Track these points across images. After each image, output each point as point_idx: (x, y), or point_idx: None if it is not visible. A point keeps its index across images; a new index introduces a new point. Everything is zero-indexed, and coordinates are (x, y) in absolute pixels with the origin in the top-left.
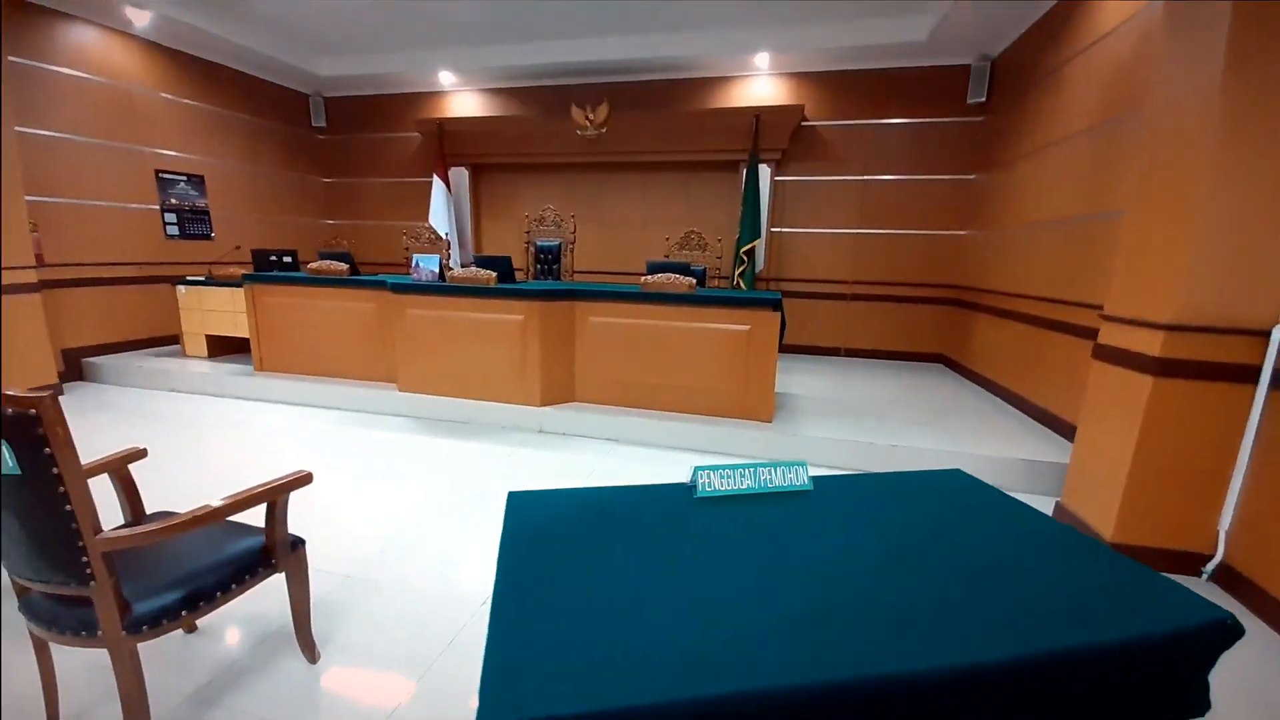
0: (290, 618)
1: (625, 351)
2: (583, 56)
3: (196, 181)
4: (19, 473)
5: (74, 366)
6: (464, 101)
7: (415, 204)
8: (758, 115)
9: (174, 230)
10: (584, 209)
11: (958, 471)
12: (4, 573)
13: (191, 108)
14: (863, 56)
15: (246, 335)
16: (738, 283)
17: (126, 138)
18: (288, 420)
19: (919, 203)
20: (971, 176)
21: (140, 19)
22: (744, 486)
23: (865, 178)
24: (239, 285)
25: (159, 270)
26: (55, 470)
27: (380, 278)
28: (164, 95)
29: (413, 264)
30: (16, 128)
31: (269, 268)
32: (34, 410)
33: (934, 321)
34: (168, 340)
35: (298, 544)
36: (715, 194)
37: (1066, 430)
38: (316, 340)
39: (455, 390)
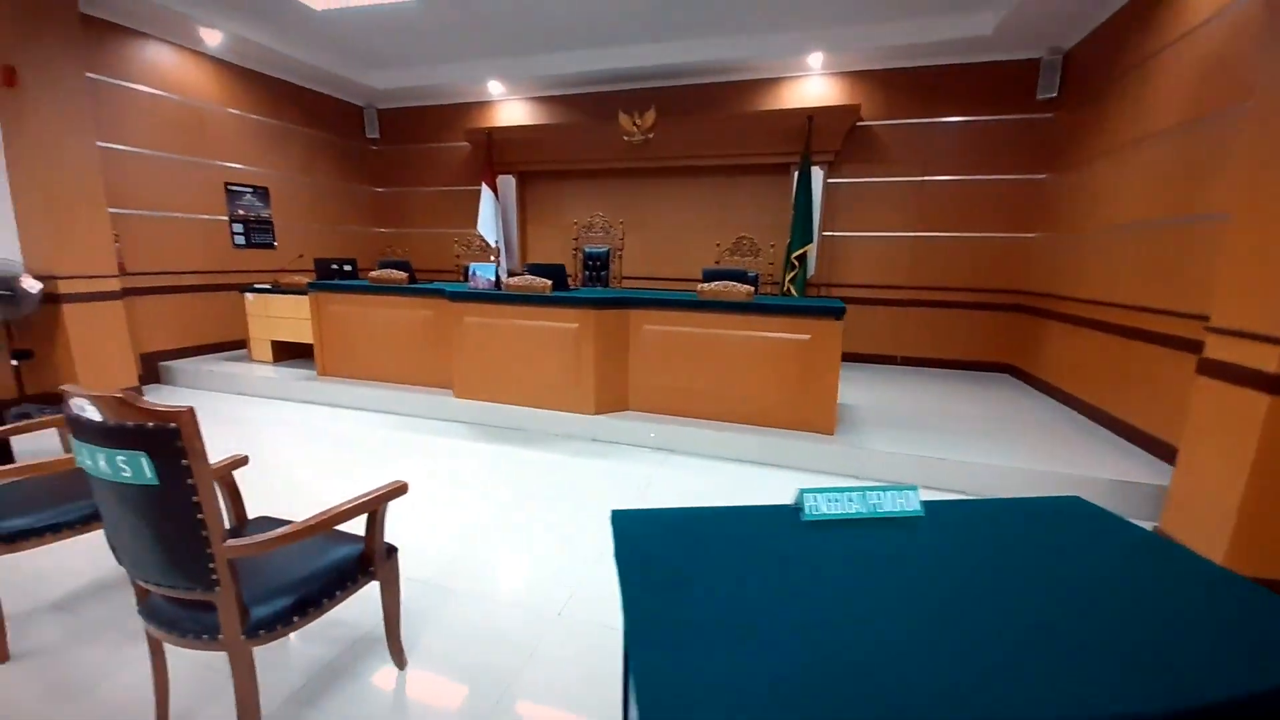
0: (376, 623)
1: (680, 360)
2: (632, 63)
3: (261, 193)
4: (156, 483)
5: (151, 370)
6: (512, 110)
7: (463, 212)
8: (810, 116)
9: (240, 240)
10: (629, 215)
11: (1077, 499)
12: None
13: (256, 122)
14: (922, 53)
15: (309, 341)
16: (788, 289)
17: (199, 152)
18: (350, 424)
19: (981, 204)
20: (1041, 176)
21: (212, 38)
22: (852, 511)
23: (923, 179)
24: (303, 293)
25: (227, 278)
26: (190, 481)
27: (438, 286)
28: (231, 111)
29: (470, 272)
30: (99, 143)
31: (330, 276)
32: (174, 424)
33: (998, 329)
34: (235, 345)
35: (392, 551)
36: (763, 198)
37: (1156, 448)
38: (376, 346)
39: (510, 397)
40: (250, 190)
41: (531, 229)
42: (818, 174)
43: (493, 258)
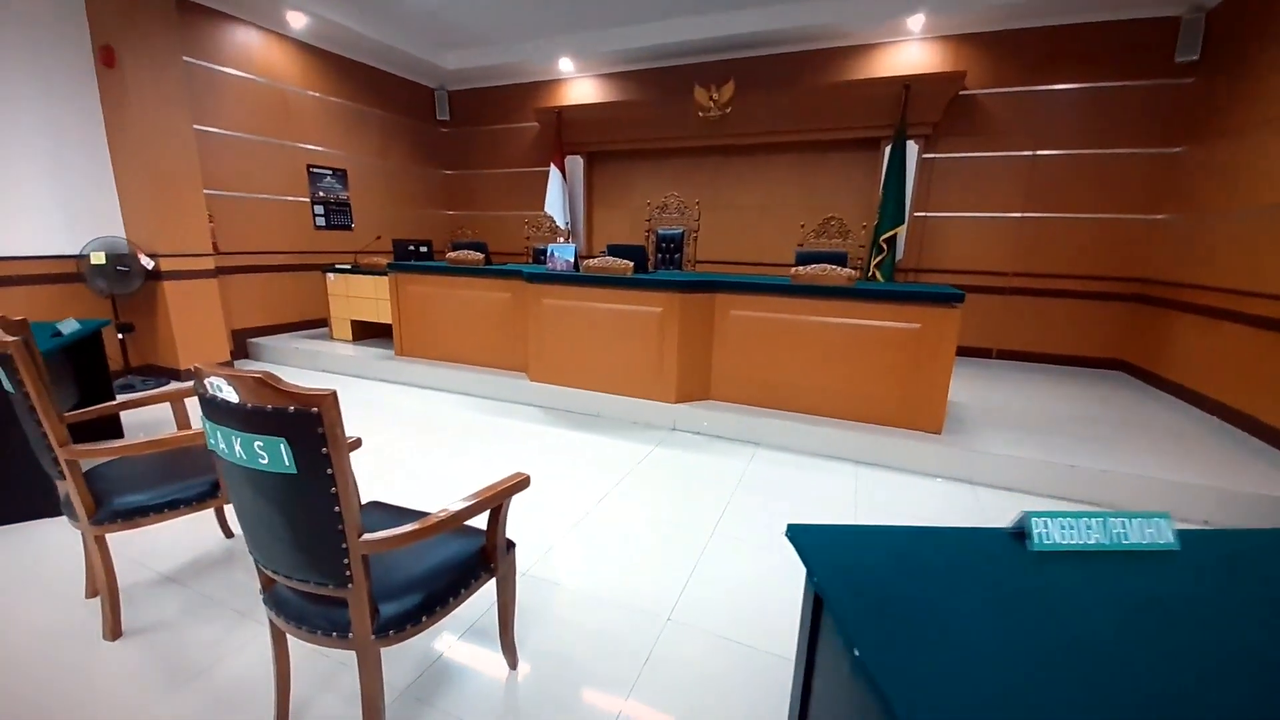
0: (479, 616)
1: (769, 348)
2: (708, 33)
3: (340, 175)
4: (294, 472)
5: (240, 346)
6: (581, 88)
7: (530, 194)
8: (907, 85)
9: (321, 221)
10: (703, 196)
11: None
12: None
13: (335, 105)
14: (1040, 11)
15: (387, 321)
16: (874, 273)
17: (283, 134)
18: (428, 404)
19: (1100, 181)
20: (1175, 149)
21: (297, 21)
22: (1091, 541)
23: (1034, 153)
24: (382, 274)
25: (308, 259)
26: (329, 470)
27: (516, 267)
28: (312, 94)
29: (548, 253)
30: (195, 125)
31: (407, 256)
32: (316, 409)
33: (1112, 321)
34: (317, 324)
35: (510, 546)
36: (845, 176)
37: None
38: (453, 327)
39: (586, 382)
40: (330, 173)
41: (598, 211)
42: (912, 149)
43: (561, 239)
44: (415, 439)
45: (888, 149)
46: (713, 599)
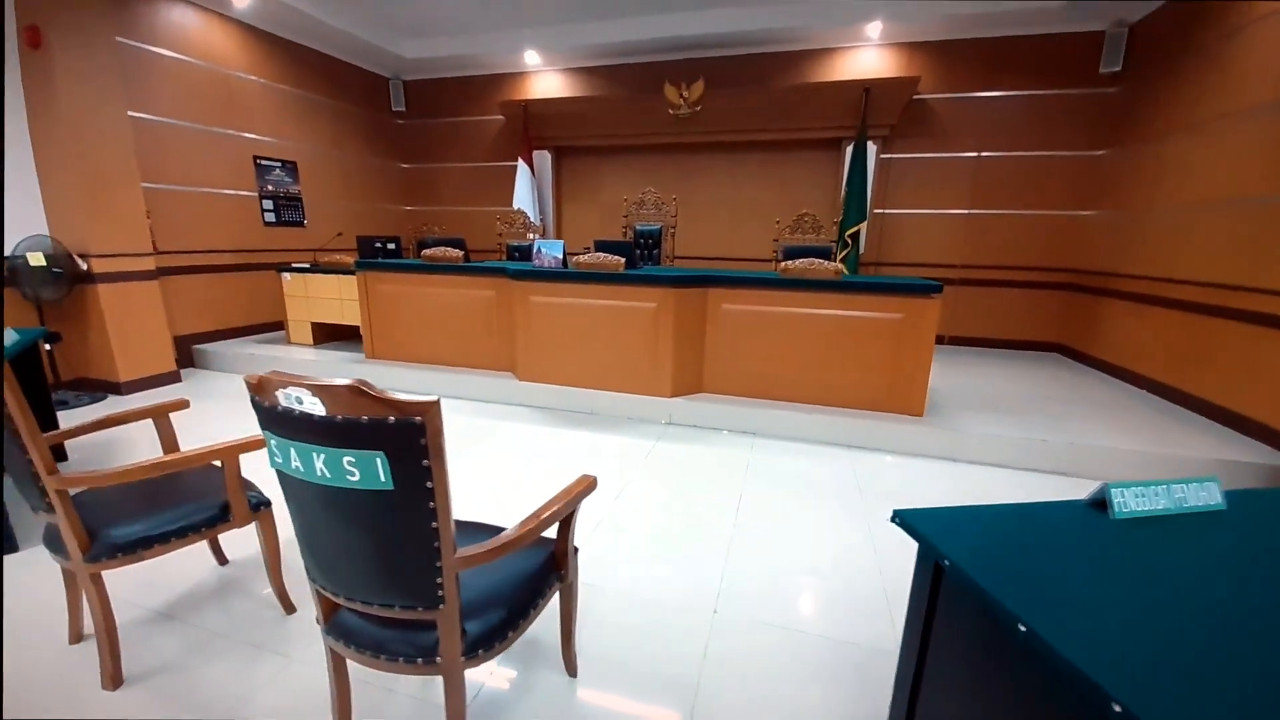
0: (535, 627)
1: (761, 341)
2: (677, 31)
3: (290, 168)
4: (391, 488)
5: (184, 354)
6: (548, 82)
7: (495, 189)
8: (867, 89)
9: (270, 217)
10: (671, 192)
11: None
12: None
13: (283, 92)
14: (985, 24)
15: (352, 322)
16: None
17: (227, 123)
18: None
19: (1037, 181)
20: (1100, 152)
21: (241, 0)
22: (1159, 507)
23: (979, 154)
24: (348, 272)
25: (258, 258)
26: (429, 484)
27: (500, 264)
28: (259, 80)
29: (535, 250)
30: (130, 113)
31: (374, 254)
32: (419, 418)
33: (1049, 308)
34: (269, 327)
35: (575, 552)
36: (810, 174)
37: (1247, 426)
38: (430, 328)
39: (579, 380)
40: (279, 165)
41: (567, 207)
42: (871, 149)
43: (533, 235)
44: None
45: (849, 149)
46: (753, 589)
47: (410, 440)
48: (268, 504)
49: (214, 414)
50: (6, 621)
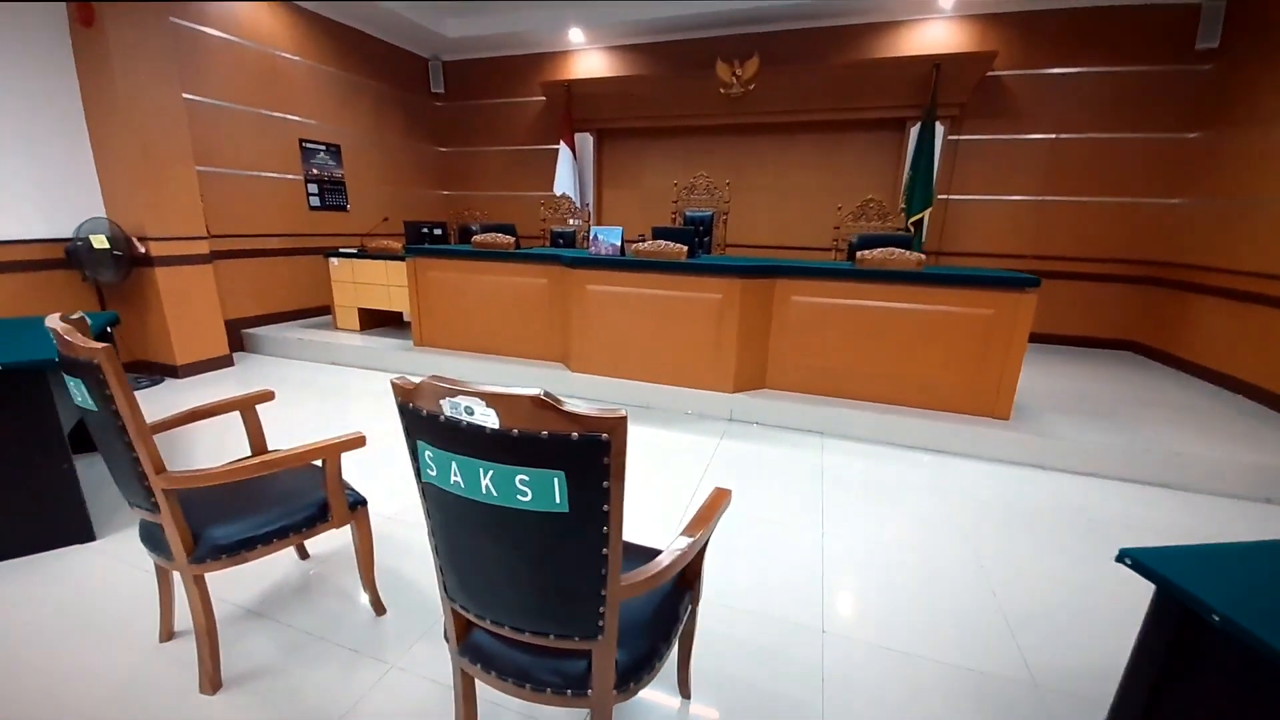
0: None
1: (831, 335)
2: (731, 5)
3: (334, 151)
4: (566, 510)
5: (234, 338)
6: (591, 61)
7: (533, 173)
8: (937, 65)
9: (315, 201)
10: (719, 176)
11: None
12: None
13: (326, 74)
14: None
15: (399, 309)
16: None
17: (273, 105)
18: None
19: (1117, 166)
20: (1191, 135)
21: None
22: None
23: (1055, 136)
24: (396, 258)
25: (303, 242)
26: (605, 508)
27: (554, 251)
28: (303, 60)
29: (591, 237)
30: (184, 94)
31: (420, 239)
32: (605, 435)
33: (1124, 303)
34: (315, 312)
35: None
36: (864, 157)
37: None
38: (480, 316)
39: (634, 373)
40: (324, 148)
41: (607, 193)
42: (938, 130)
43: (573, 221)
44: None
45: (913, 129)
46: (858, 608)
47: (593, 459)
48: (364, 502)
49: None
50: (89, 616)
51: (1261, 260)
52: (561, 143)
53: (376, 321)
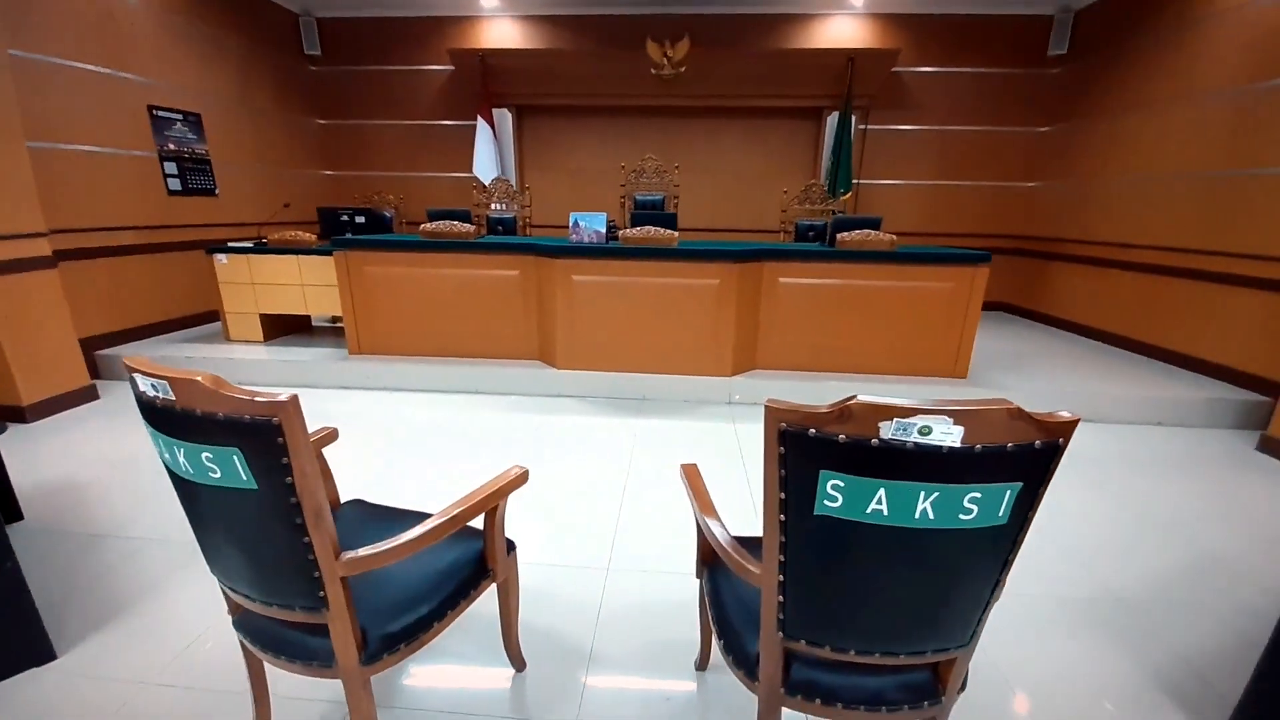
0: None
1: (815, 313)
2: None
3: (193, 122)
4: (1004, 523)
5: (89, 363)
6: (503, 30)
7: (442, 151)
8: (852, 58)
9: (175, 184)
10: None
11: None
12: None
13: (179, 25)
14: (954, 0)
15: (324, 312)
16: None
17: (113, 62)
18: (421, 410)
19: (990, 154)
20: (1044, 129)
21: None
22: None
23: (943, 128)
24: (311, 252)
25: (164, 235)
26: (1030, 514)
27: (527, 240)
28: (147, 6)
29: (572, 224)
30: (11, 51)
31: (339, 229)
32: (1061, 439)
33: (997, 271)
34: (190, 322)
35: (511, 548)
36: (789, 143)
37: (1203, 368)
38: (435, 315)
39: (629, 364)
40: (180, 117)
41: (530, 174)
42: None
43: (499, 207)
44: (430, 452)
45: (831, 119)
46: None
47: (1046, 466)
48: (514, 547)
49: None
50: None
51: (1111, 230)
52: (479, 118)
53: (281, 329)
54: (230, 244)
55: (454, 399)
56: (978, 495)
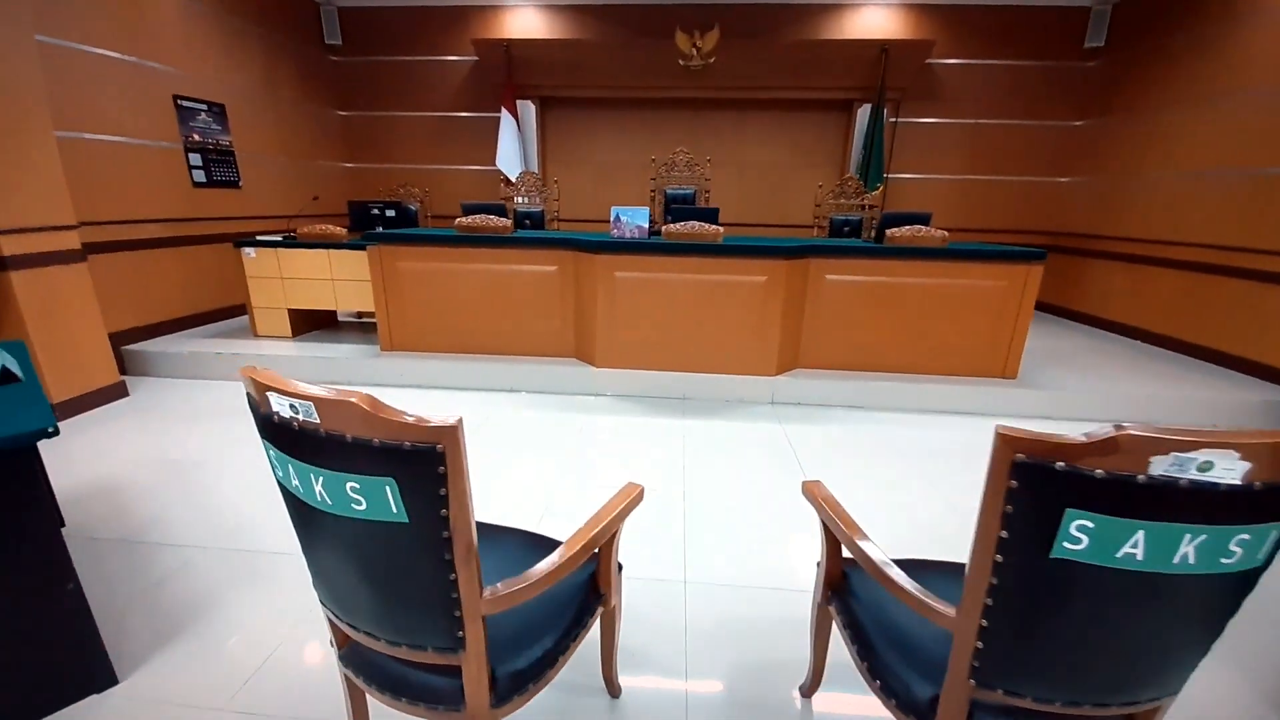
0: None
1: (860, 311)
2: None
3: (217, 112)
4: (1259, 565)
5: (118, 358)
6: (528, 20)
7: (465, 143)
8: (885, 49)
9: (200, 176)
10: (672, 151)
11: None
12: None
13: (203, 11)
14: None
15: (354, 308)
16: None
17: (140, 50)
18: (461, 407)
19: (1023, 148)
20: (1078, 123)
21: None
22: None
23: (975, 121)
24: (342, 246)
25: (188, 229)
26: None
27: (566, 235)
28: None
29: (613, 218)
30: (38, 36)
31: (369, 223)
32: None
33: None
34: (213, 317)
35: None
36: (819, 137)
37: (1252, 369)
38: (470, 312)
39: (671, 363)
40: (205, 107)
41: (553, 168)
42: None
43: (520, 199)
44: (474, 453)
45: (862, 111)
46: None
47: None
48: (621, 568)
49: (208, 442)
50: None
51: (1146, 228)
52: (504, 110)
53: (309, 324)
54: (259, 238)
55: (490, 397)
56: (1246, 537)
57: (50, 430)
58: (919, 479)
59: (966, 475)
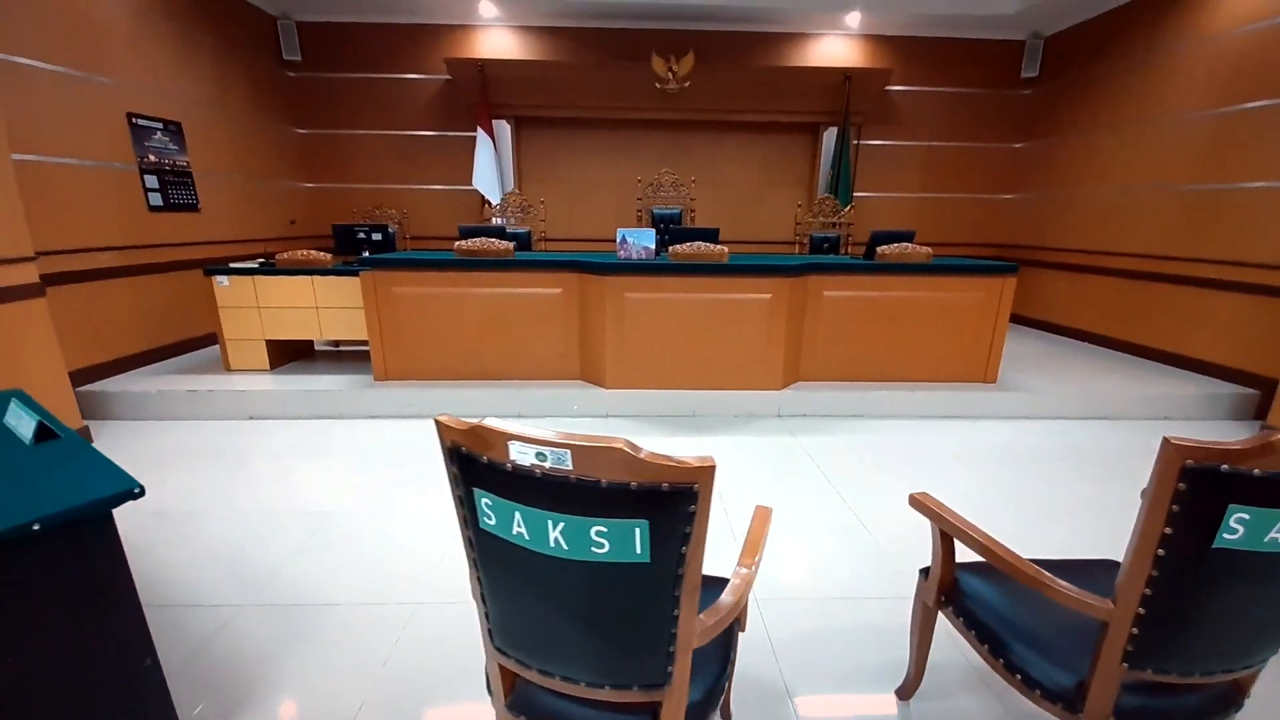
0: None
1: (855, 325)
2: None
3: (174, 130)
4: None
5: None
6: (500, 40)
7: (437, 163)
8: (849, 76)
9: (156, 199)
10: (647, 172)
11: None
12: None
13: (153, 21)
14: (938, 25)
15: (339, 336)
16: None
17: (90, 64)
18: None
19: (970, 168)
20: (1019, 145)
21: None
22: None
23: (929, 144)
24: (327, 273)
25: (144, 256)
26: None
27: (570, 257)
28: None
29: (619, 240)
30: None
31: (355, 247)
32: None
33: None
34: (174, 350)
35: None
36: (787, 157)
37: (1189, 364)
38: (471, 337)
39: (680, 381)
40: (160, 126)
41: (529, 187)
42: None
43: (498, 220)
44: None
45: (827, 133)
46: None
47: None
48: None
49: (195, 489)
50: None
51: (1085, 239)
52: (479, 130)
53: (286, 356)
54: (233, 265)
55: (515, 423)
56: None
57: (136, 491)
58: (938, 483)
59: (972, 476)
